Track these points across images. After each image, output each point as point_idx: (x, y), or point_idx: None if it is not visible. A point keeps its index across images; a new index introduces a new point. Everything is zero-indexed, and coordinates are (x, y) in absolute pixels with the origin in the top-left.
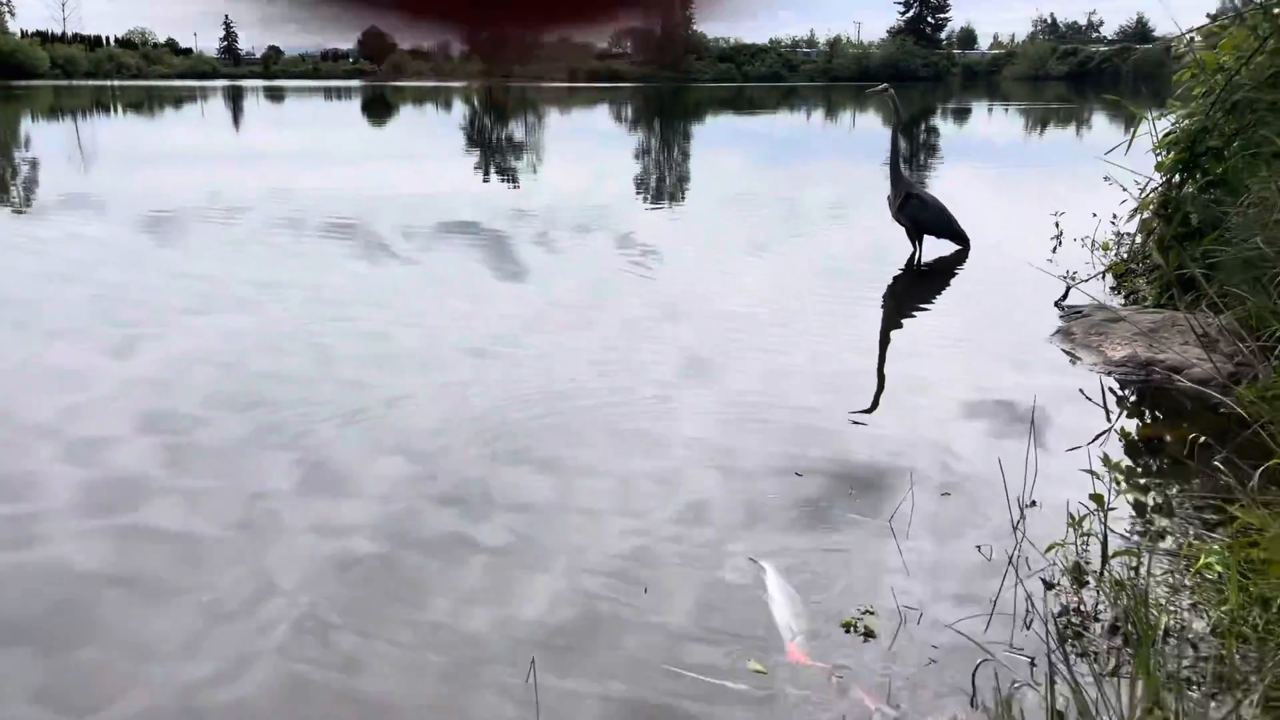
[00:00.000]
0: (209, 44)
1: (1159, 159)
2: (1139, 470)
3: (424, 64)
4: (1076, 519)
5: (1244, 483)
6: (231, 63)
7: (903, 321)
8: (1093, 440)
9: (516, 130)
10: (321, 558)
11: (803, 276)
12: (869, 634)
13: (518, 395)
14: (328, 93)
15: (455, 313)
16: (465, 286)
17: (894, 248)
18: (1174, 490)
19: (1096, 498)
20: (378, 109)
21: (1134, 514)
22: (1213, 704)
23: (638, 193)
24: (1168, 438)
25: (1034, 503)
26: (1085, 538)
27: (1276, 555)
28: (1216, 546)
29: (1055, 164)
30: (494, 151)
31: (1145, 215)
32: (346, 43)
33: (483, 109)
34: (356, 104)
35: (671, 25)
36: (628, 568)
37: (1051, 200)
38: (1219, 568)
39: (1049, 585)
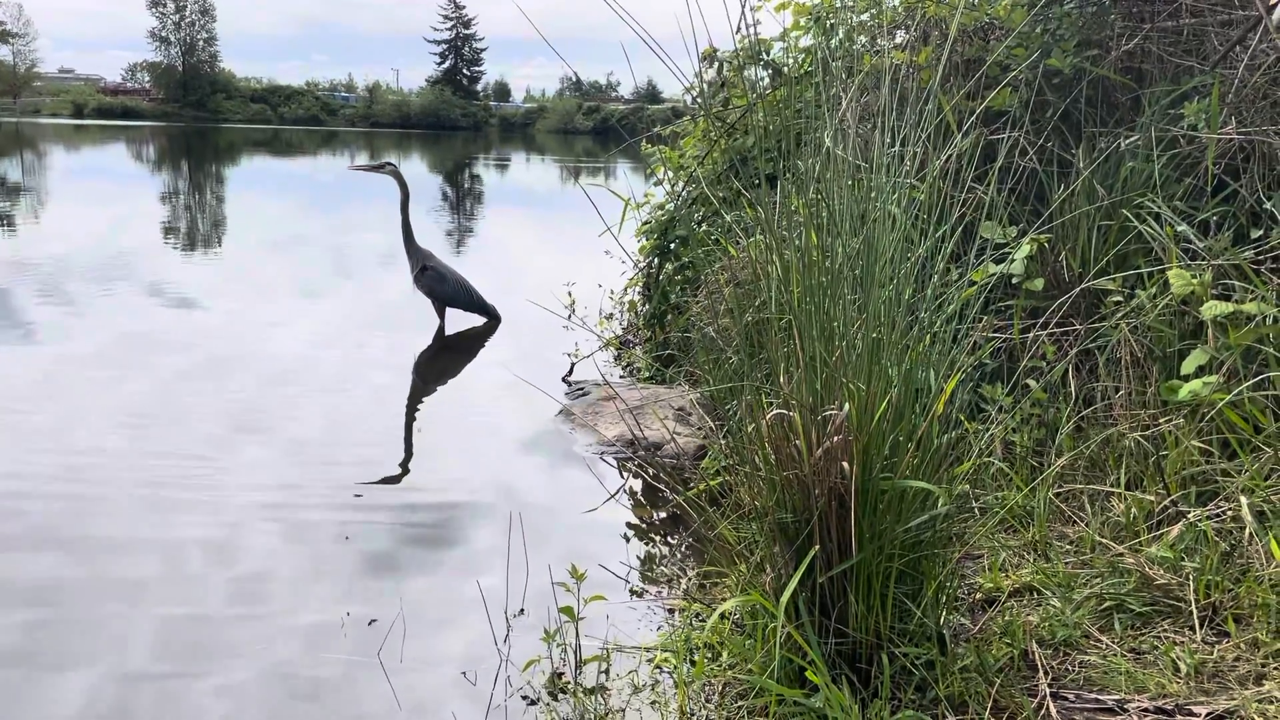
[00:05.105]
0: None
1: (640, 244)
2: (625, 554)
3: None
4: (550, 633)
5: (717, 557)
6: None
7: (425, 403)
8: (581, 524)
9: (10, 170)
10: None
11: (356, 322)
12: None
13: (29, 469)
14: None
15: None
16: None
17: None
18: (652, 574)
19: (567, 610)
20: None
21: (609, 611)
22: None
23: (167, 238)
24: (653, 517)
25: (522, 611)
26: (563, 648)
27: (723, 641)
28: (673, 637)
29: (581, 221)
30: None
31: (633, 294)
32: None
33: None
34: None
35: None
36: (178, 649)
37: (570, 264)
38: (674, 661)
39: (531, 702)
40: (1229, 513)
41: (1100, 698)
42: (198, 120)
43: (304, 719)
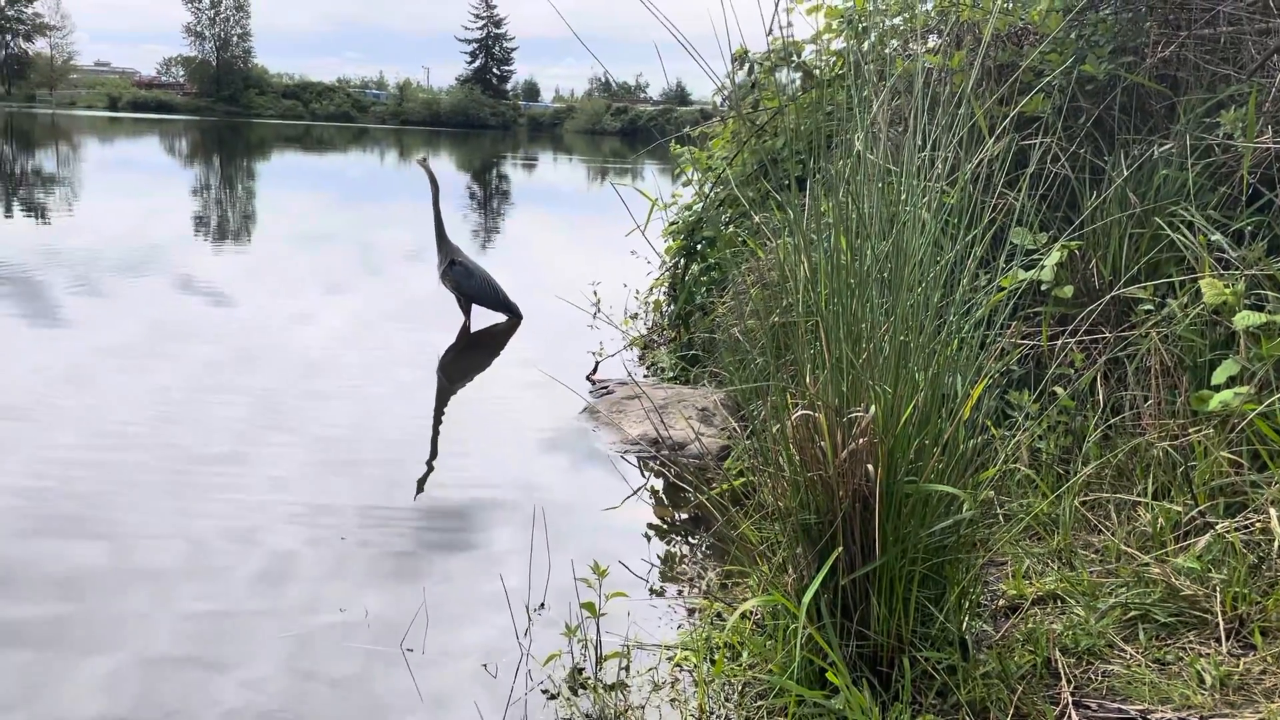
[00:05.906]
0: None
1: (667, 244)
2: (646, 553)
3: None
4: (572, 629)
5: (739, 557)
6: None
7: (449, 400)
8: (603, 522)
9: (46, 161)
10: None
11: (383, 318)
12: None
13: (59, 456)
14: None
15: None
16: None
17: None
18: (673, 573)
19: (588, 605)
20: None
21: (630, 609)
22: None
23: (198, 232)
24: (675, 516)
25: (543, 606)
26: (584, 643)
27: (744, 641)
28: (694, 636)
29: (607, 221)
30: (17, 184)
31: (659, 294)
32: None
33: (1, 136)
34: None
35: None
36: (202, 638)
37: (596, 263)
38: (694, 659)
39: (551, 696)
40: (1258, 524)
41: (1123, 708)
42: (230, 115)
43: (325, 708)
